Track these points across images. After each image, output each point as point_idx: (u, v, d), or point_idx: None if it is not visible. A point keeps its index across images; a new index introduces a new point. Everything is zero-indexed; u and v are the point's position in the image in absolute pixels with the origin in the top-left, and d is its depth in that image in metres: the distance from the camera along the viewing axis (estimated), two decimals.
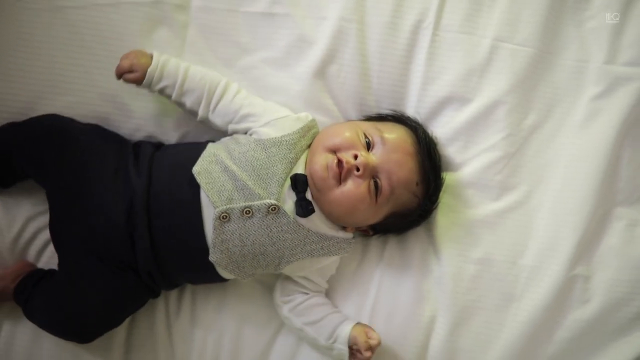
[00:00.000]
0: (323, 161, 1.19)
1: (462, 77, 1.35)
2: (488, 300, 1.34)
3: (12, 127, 1.26)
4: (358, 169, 1.17)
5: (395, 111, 1.34)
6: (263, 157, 1.20)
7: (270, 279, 1.35)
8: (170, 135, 1.35)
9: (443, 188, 1.30)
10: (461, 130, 1.35)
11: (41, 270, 1.30)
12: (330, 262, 1.28)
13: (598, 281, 1.34)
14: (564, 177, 1.36)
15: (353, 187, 1.18)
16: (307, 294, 1.29)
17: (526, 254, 1.35)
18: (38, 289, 1.24)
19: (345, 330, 1.23)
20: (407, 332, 1.33)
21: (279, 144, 1.22)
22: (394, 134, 1.24)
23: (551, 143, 1.38)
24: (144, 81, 1.23)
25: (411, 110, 1.36)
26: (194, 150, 1.24)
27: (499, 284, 1.34)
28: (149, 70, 1.22)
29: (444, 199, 1.32)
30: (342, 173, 1.17)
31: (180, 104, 1.27)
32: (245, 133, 1.26)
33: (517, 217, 1.36)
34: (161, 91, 1.25)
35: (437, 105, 1.36)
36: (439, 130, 1.36)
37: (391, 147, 1.21)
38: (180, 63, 1.26)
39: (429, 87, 1.36)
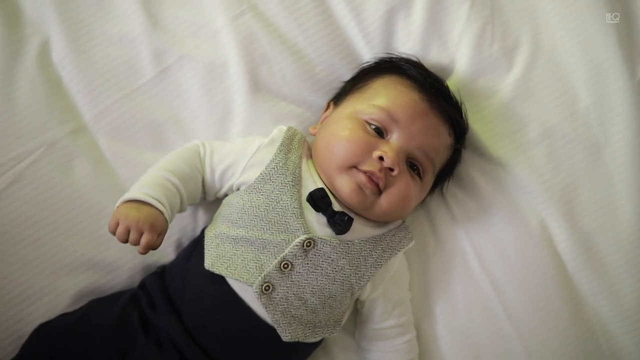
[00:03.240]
0: (351, 183, 1.04)
1: None
2: (578, 166, 1.20)
3: None
4: (392, 169, 1.02)
5: (365, 63, 1.18)
6: (262, 200, 1.04)
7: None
8: (166, 253, 1.18)
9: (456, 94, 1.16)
10: (426, 30, 1.22)
11: None
12: (398, 266, 1.14)
13: None
14: None
15: (396, 188, 1.04)
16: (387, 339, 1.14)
17: (578, 95, 1.21)
18: None
19: None
20: (528, 257, 1.19)
21: (269, 178, 1.05)
22: (396, 99, 1.06)
23: None
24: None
25: (365, 49, 1.23)
26: (194, 249, 1.09)
27: (575, 142, 1.21)
28: (168, 220, 1.01)
29: (464, 106, 1.17)
30: (379, 185, 1.04)
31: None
32: (234, 190, 1.11)
33: (542, 68, 1.23)
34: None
35: (385, 25, 1.23)
36: (407, 46, 1.23)
37: (406, 120, 1.05)
38: (164, 184, 1.04)
39: (363, 15, 1.22)
